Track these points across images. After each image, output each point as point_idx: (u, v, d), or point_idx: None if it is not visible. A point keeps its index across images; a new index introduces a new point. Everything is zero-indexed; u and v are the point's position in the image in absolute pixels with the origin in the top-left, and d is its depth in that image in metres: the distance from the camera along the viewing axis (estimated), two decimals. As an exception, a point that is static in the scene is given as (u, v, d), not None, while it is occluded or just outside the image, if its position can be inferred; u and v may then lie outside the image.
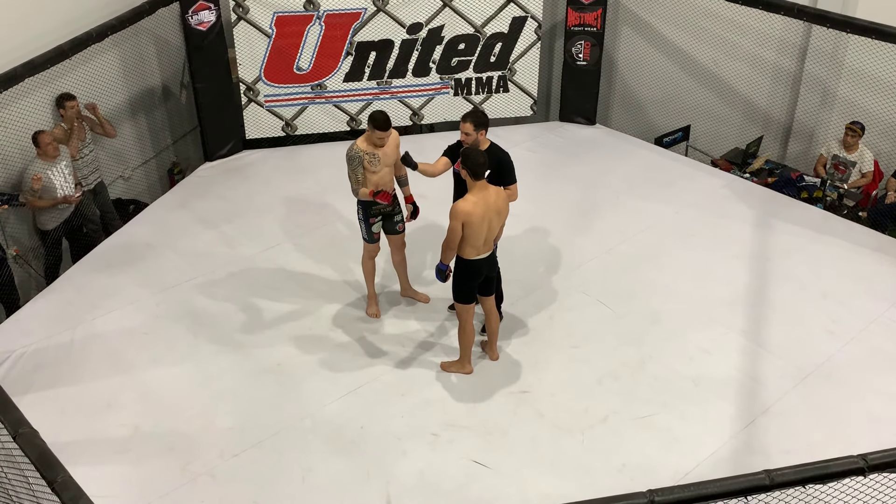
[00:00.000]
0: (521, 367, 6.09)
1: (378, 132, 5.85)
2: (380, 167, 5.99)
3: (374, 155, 5.94)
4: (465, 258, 5.54)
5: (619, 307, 6.69)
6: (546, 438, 5.49)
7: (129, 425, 5.59)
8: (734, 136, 9.40)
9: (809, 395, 5.79)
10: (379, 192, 6.00)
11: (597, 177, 8.66)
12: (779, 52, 8.82)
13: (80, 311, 6.69)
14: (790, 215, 7.88)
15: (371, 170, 5.97)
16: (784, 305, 6.66)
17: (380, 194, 5.99)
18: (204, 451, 5.40)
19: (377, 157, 5.95)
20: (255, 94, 9.11)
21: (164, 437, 5.50)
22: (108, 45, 7.91)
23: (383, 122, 5.85)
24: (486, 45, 9.36)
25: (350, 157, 5.97)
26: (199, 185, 8.66)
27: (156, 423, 5.61)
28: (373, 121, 5.86)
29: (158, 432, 5.54)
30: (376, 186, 6.05)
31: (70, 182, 7.30)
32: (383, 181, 6.08)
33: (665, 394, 5.82)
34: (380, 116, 5.87)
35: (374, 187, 6.03)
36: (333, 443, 5.46)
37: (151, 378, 6.02)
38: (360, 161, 5.94)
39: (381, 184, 6.07)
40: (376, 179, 6.03)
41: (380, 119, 5.86)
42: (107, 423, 5.61)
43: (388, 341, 6.36)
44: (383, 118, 5.87)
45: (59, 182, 7.20)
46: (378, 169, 5.98)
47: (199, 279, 7.08)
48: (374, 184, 6.04)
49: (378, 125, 5.84)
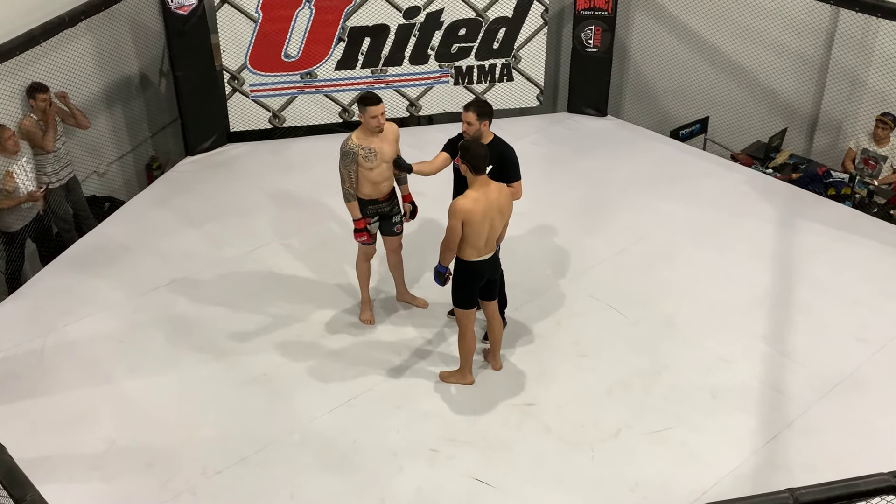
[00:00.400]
0: (526, 377, 6.09)
1: (370, 108, 5.87)
2: (377, 163, 5.99)
3: (371, 150, 5.95)
4: (465, 260, 5.54)
5: (631, 312, 6.69)
6: (552, 454, 5.48)
7: (105, 439, 5.59)
8: (756, 128, 9.40)
9: (837, 407, 5.79)
10: (364, 230, 6.16)
11: (607, 172, 8.66)
12: (804, 39, 8.82)
13: (51, 317, 6.69)
14: (816, 214, 7.89)
15: (367, 165, 5.97)
16: (809, 310, 6.66)
17: (361, 233, 6.16)
18: (185, 467, 5.39)
19: (374, 151, 5.95)
20: (239, 84, 9.12)
21: (143, 452, 5.49)
22: (82, 30, 7.92)
23: (371, 96, 5.92)
24: (489, 31, 9.37)
25: (344, 152, 5.97)
26: (180, 182, 8.66)
27: (133, 438, 5.61)
28: (361, 100, 5.93)
29: (136, 447, 5.53)
30: (374, 184, 6.06)
31: (32, 178, 7.30)
32: (381, 178, 6.09)
33: (681, 406, 5.82)
34: (367, 94, 5.96)
35: (371, 186, 6.06)
36: (324, 458, 5.46)
37: (128, 389, 6.01)
38: (354, 157, 5.94)
39: (378, 181, 6.08)
40: (373, 176, 6.04)
41: (367, 95, 5.94)
42: (80, 438, 5.60)
43: (383, 349, 6.36)
44: (370, 94, 5.96)
45: (20, 179, 7.20)
46: (375, 165, 5.99)
47: (180, 282, 7.08)
48: (371, 181, 6.05)
49: (366, 101, 5.89)
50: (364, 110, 5.89)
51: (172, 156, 9.55)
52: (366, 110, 5.88)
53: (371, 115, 5.87)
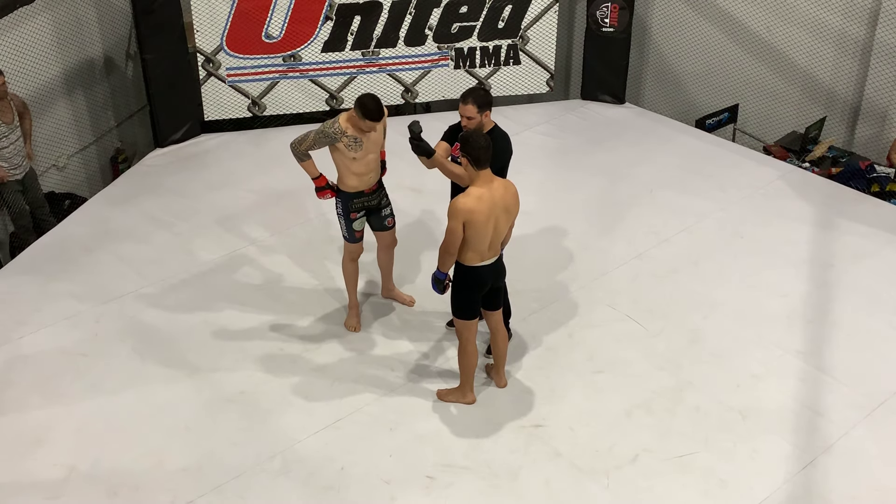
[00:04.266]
0: (534, 395, 6.09)
1: (368, 122, 5.80)
2: (361, 153, 5.99)
3: (357, 140, 5.93)
4: (466, 265, 5.54)
5: (651, 324, 6.69)
6: (563, 482, 5.47)
7: (63, 465, 5.58)
8: (791, 117, 9.41)
9: (881, 429, 5.78)
10: (325, 187, 6.14)
11: (625, 166, 8.66)
12: (845, 17, 8.83)
13: (3, 327, 6.68)
14: (859, 213, 7.89)
15: (349, 154, 5.96)
16: (851, 321, 6.66)
17: (324, 191, 6.15)
18: (153, 496, 5.38)
19: (360, 142, 5.95)
20: (215, 67, 9.12)
21: (105, 479, 5.49)
22: (39, 7, 7.93)
23: (375, 110, 5.76)
24: (494, 9, 9.37)
25: (324, 132, 5.92)
26: (149, 176, 8.66)
27: (95, 464, 5.60)
28: (361, 107, 5.76)
29: (98, 474, 5.53)
30: (358, 175, 6.07)
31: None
32: (366, 169, 6.09)
33: (707, 428, 5.81)
34: (371, 103, 5.75)
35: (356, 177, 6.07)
36: (308, 487, 5.46)
37: (90, 409, 6.01)
38: (332, 141, 5.91)
39: (362, 172, 6.08)
40: (357, 167, 6.04)
41: (371, 106, 5.75)
42: (35, 464, 5.59)
43: (374, 365, 6.35)
44: (375, 106, 5.76)
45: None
46: (359, 155, 5.98)
47: (148, 289, 7.08)
48: (355, 172, 6.06)
49: (368, 113, 5.75)
50: (362, 118, 5.78)
51: (140, 148, 9.57)
52: (364, 120, 5.79)
53: (368, 126, 5.82)
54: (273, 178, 8.50)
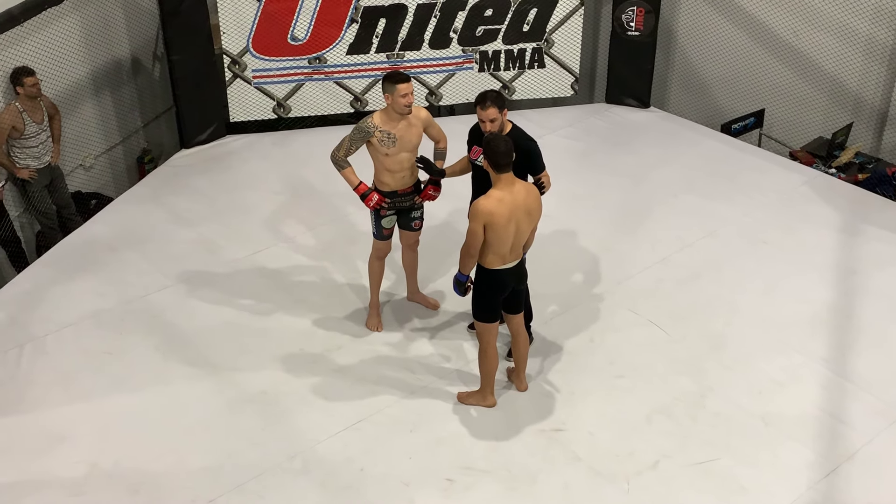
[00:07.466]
0: (555, 399, 6.07)
1: (399, 86, 5.85)
2: (395, 150, 6.00)
3: (391, 135, 5.96)
4: (487, 268, 5.53)
5: (673, 329, 6.65)
6: (583, 486, 5.45)
7: (85, 463, 5.61)
8: (817, 122, 9.34)
9: (905, 438, 5.73)
10: (369, 191, 6.15)
11: (649, 170, 8.63)
12: (873, 22, 8.75)
13: (28, 325, 6.74)
14: (885, 219, 7.83)
15: (382, 150, 5.99)
16: (876, 328, 6.60)
17: (368, 196, 6.14)
18: (173, 495, 5.40)
19: (394, 137, 5.96)
20: (241, 69, 9.16)
21: (127, 477, 5.51)
22: (68, 8, 8.00)
23: (398, 73, 5.97)
24: (519, 11, 9.36)
25: (358, 127, 6.02)
26: (174, 177, 8.71)
27: (117, 462, 5.63)
28: (387, 77, 5.93)
29: (120, 472, 5.55)
30: (392, 173, 6.10)
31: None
32: (400, 167, 6.10)
33: (728, 434, 5.77)
34: (393, 71, 6.11)
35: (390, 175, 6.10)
36: (327, 488, 5.46)
37: (112, 407, 6.04)
38: (366, 136, 5.98)
39: (396, 170, 6.09)
40: (391, 164, 6.06)
41: (394, 72, 5.99)
42: (58, 461, 5.63)
43: (395, 366, 6.36)
44: (397, 71, 6.09)
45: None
46: (393, 152, 5.99)
47: (172, 289, 7.12)
48: (389, 169, 6.08)
49: (394, 77, 5.90)
50: (392, 89, 5.86)
51: (166, 148, 9.62)
52: (394, 88, 5.85)
53: (401, 94, 5.86)
54: (297, 180, 8.53)
